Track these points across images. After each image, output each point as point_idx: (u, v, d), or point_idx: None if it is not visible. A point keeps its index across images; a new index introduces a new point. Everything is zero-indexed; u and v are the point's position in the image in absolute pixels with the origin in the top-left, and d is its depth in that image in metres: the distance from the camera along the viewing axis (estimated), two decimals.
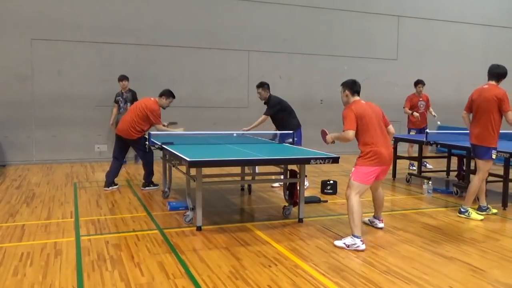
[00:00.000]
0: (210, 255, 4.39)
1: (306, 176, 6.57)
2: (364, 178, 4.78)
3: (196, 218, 5.17)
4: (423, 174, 8.52)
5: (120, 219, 5.64)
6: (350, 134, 4.76)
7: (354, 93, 4.94)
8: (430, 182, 7.40)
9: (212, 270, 4.02)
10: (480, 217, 5.83)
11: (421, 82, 9.77)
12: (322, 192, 7.25)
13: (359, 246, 4.61)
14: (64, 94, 10.01)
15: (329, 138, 5.08)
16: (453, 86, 13.62)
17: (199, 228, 5.15)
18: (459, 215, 5.94)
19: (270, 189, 7.54)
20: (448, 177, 8.84)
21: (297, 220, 5.61)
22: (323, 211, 6.21)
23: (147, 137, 6.57)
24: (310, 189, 7.42)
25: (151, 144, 6.49)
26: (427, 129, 8.37)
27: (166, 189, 6.89)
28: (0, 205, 6.27)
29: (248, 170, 6.96)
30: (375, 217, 5.44)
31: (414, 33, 13.12)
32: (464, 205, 5.95)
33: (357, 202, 4.72)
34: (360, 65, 12.36)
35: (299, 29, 11.89)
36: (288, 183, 5.90)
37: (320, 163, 5.18)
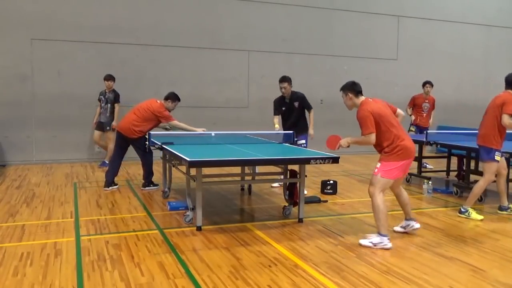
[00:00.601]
0: (210, 255, 4.39)
1: (306, 176, 6.57)
2: (392, 173, 4.68)
3: (196, 218, 5.17)
4: (423, 174, 8.52)
5: (120, 219, 5.64)
6: (372, 138, 4.62)
7: (358, 94, 4.82)
8: (430, 182, 7.40)
9: (212, 270, 4.02)
10: (480, 217, 5.84)
11: (429, 83, 9.67)
12: (322, 192, 7.25)
13: (386, 245, 4.61)
14: (64, 94, 10.01)
15: (345, 143, 4.86)
16: (453, 86, 13.64)
17: (199, 228, 5.15)
18: (459, 215, 5.95)
19: (270, 189, 7.54)
20: (448, 177, 8.84)
21: (297, 220, 5.61)
22: (323, 211, 6.21)
23: (147, 137, 6.57)
24: (310, 189, 7.42)
25: (151, 144, 6.50)
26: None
27: (166, 189, 6.90)
28: (0, 205, 6.27)
29: (248, 170, 6.96)
30: (408, 220, 5.18)
31: (414, 33, 13.12)
32: (465, 205, 5.96)
33: (382, 200, 4.67)
34: (360, 65, 12.36)
35: (299, 29, 11.89)
36: (288, 183, 5.90)
37: (320, 163, 5.18)
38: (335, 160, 5.20)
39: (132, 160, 9.95)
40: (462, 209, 5.97)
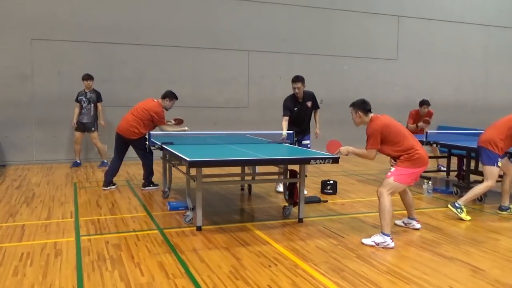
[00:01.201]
0: (210, 255, 4.39)
1: (306, 176, 6.57)
2: (407, 179, 4.85)
3: (196, 218, 5.16)
4: (423, 174, 8.50)
5: (120, 219, 5.64)
6: (373, 154, 4.89)
7: (368, 112, 4.96)
8: (430, 182, 7.40)
9: (212, 270, 4.02)
10: (468, 218, 5.80)
11: (426, 103, 9.24)
12: (322, 192, 7.25)
13: (389, 244, 4.65)
14: (64, 94, 9.99)
15: (344, 151, 5.00)
16: (453, 86, 13.64)
17: (199, 228, 5.15)
18: (451, 208, 5.87)
19: (270, 189, 7.53)
20: (448, 177, 8.84)
21: (297, 220, 5.61)
22: (323, 211, 6.21)
23: (147, 137, 6.57)
24: (310, 189, 7.42)
25: (151, 144, 6.50)
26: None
27: (166, 189, 6.89)
28: (0, 205, 6.27)
29: (248, 170, 6.96)
30: (411, 218, 5.38)
31: (414, 33, 13.12)
32: (460, 201, 5.90)
33: (390, 201, 4.77)
34: (360, 65, 12.37)
35: (299, 29, 11.89)
36: (288, 183, 5.90)
37: (320, 163, 5.18)
38: (335, 160, 5.20)
39: (132, 160, 9.94)
40: (457, 205, 5.87)
